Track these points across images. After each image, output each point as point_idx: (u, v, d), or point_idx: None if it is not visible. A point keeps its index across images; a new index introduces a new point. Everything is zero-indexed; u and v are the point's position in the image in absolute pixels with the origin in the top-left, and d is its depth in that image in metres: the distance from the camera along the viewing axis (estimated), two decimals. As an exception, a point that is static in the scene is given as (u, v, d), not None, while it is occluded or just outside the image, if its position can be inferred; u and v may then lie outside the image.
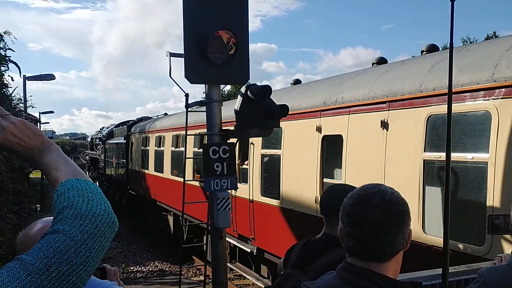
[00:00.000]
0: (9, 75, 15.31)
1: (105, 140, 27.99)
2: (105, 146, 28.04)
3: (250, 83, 5.16)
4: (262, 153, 8.72)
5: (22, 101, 20.89)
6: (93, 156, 38.33)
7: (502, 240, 4.29)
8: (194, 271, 12.91)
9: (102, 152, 29.99)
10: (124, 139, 21.49)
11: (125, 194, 21.58)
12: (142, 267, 13.62)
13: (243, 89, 5.10)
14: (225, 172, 5.05)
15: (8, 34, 14.26)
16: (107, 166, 27.31)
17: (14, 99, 18.24)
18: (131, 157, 20.46)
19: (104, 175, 28.60)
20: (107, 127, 31.91)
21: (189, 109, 6.13)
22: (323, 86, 7.75)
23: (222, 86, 5.39)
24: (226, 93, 44.30)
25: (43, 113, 32.50)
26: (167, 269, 13.43)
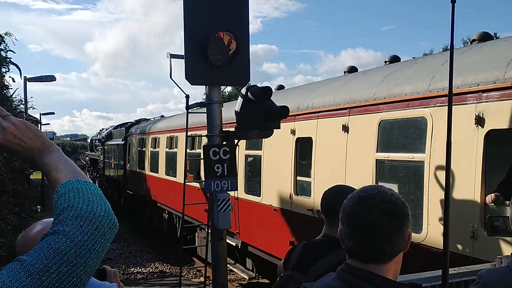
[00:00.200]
0: (10, 77, 15.28)
1: (104, 142, 28.09)
2: (104, 147, 28.16)
3: (251, 85, 5.15)
4: (246, 153, 9.31)
5: (23, 102, 20.90)
6: (93, 157, 38.42)
7: (437, 228, 4.88)
8: (194, 272, 12.90)
9: (101, 153, 30.10)
10: (122, 141, 21.70)
11: (123, 194, 21.83)
12: (143, 268, 13.62)
13: (243, 91, 5.09)
14: (226, 174, 5.04)
15: (9, 36, 14.21)
16: (106, 166, 27.47)
17: (15, 100, 18.23)
18: (129, 158, 20.74)
19: (103, 175, 28.77)
20: (106, 128, 31.93)
21: (189, 111, 6.13)
22: (299, 92, 8.46)
23: (222, 87, 5.39)
24: (227, 94, 44.40)
25: (43, 114, 32.61)
26: (168, 270, 13.42)
